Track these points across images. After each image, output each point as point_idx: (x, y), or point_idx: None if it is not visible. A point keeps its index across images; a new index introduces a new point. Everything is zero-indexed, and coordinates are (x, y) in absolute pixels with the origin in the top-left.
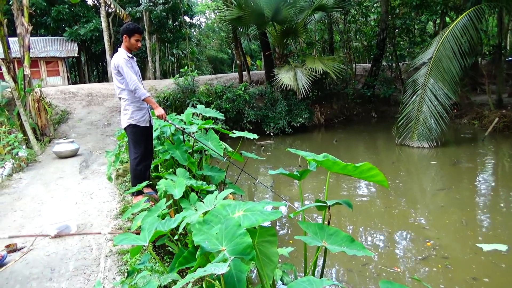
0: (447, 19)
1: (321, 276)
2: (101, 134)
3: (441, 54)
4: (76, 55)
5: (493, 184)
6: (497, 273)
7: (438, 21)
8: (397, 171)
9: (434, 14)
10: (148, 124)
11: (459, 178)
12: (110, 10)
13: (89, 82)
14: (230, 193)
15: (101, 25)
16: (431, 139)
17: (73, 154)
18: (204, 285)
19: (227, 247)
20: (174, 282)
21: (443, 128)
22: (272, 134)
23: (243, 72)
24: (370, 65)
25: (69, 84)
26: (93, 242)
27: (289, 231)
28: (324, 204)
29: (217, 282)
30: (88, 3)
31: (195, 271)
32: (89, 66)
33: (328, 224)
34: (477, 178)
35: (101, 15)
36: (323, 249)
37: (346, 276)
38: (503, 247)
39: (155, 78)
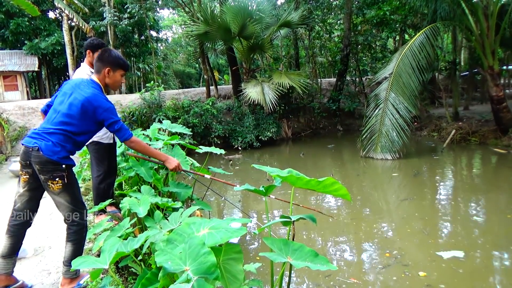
0: (406, 36)
1: None
2: None
3: (400, 70)
4: (36, 69)
5: (452, 193)
6: (454, 279)
7: (397, 38)
8: (362, 183)
9: (393, 31)
10: (111, 141)
11: (421, 189)
12: (73, 24)
13: (50, 97)
14: (197, 210)
15: (64, 39)
16: (394, 151)
17: None
18: None
19: (190, 266)
20: None
21: (405, 140)
22: (240, 148)
23: (211, 87)
24: (335, 79)
25: (28, 99)
26: (51, 266)
27: (258, 247)
28: (288, 220)
29: None
30: (50, 16)
31: None
32: (50, 81)
33: (293, 239)
34: (437, 188)
35: (63, 28)
36: (289, 265)
37: None
38: (460, 253)
39: (120, 93)
